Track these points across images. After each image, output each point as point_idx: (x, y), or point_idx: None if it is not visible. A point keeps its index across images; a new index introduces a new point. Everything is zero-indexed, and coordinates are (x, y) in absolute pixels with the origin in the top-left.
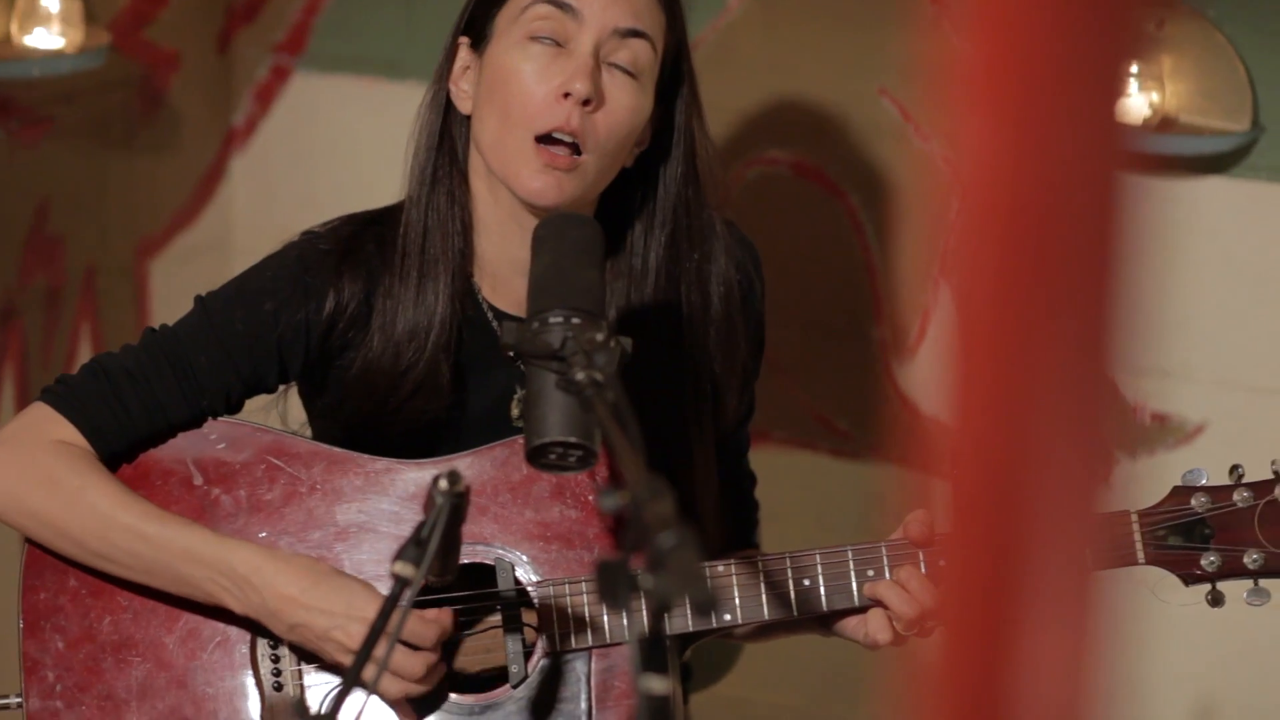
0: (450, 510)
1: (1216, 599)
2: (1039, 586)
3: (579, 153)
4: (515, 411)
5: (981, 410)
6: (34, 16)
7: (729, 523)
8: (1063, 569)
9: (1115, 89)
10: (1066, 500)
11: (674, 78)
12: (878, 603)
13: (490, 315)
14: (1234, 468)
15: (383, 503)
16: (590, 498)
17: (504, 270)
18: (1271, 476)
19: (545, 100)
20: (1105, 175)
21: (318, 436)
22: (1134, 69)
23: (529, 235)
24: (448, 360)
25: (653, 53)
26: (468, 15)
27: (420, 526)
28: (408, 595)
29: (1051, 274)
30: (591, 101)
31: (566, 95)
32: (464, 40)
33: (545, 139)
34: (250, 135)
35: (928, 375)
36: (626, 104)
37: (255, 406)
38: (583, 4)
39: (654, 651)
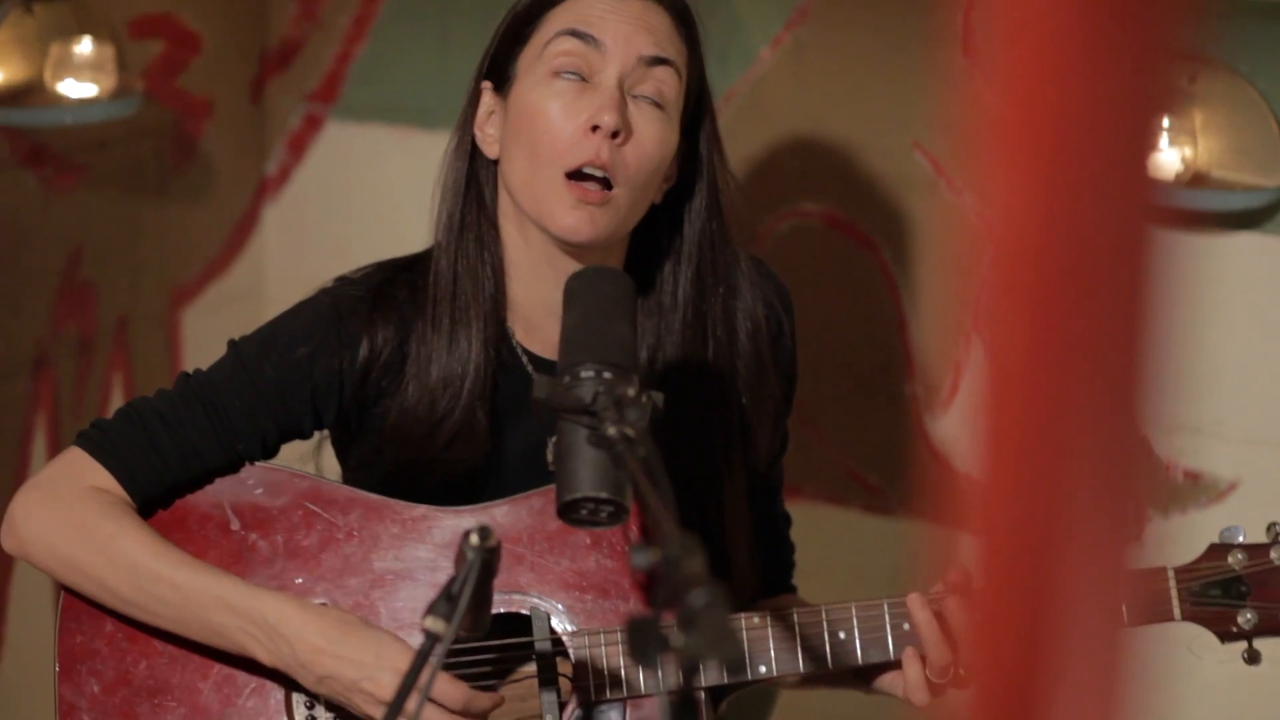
0: (481, 566)
1: (1253, 656)
2: (1071, 644)
3: (610, 186)
4: (550, 456)
5: (1014, 467)
6: (68, 64)
7: (764, 565)
8: (1095, 626)
9: (1147, 144)
10: (1099, 558)
11: (696, 112)
12: (913, 632)
13: (525, 360)
14: (1271, 525)
15: (420, 550)
16: (625, 548)
17: (537, 314)
18: None
19: (574, 136)
20: (1138, 231)
21: (352, 484)
22: (1166, 123)
23: (562, 277)
24: (484, 407)
25: (678, 81)
26: (489, 59)
27: (451, 581)
28: (438, 651)
29: (1084, 330)
30: (620, 134)
31: (595, 129)
32: (486, 85)
33: (576, 174)
34: (283, 184)
35: (960, 430)
36: (654, 135)
37: (292, 458)
38: (605, 34)
39: (687, 707)
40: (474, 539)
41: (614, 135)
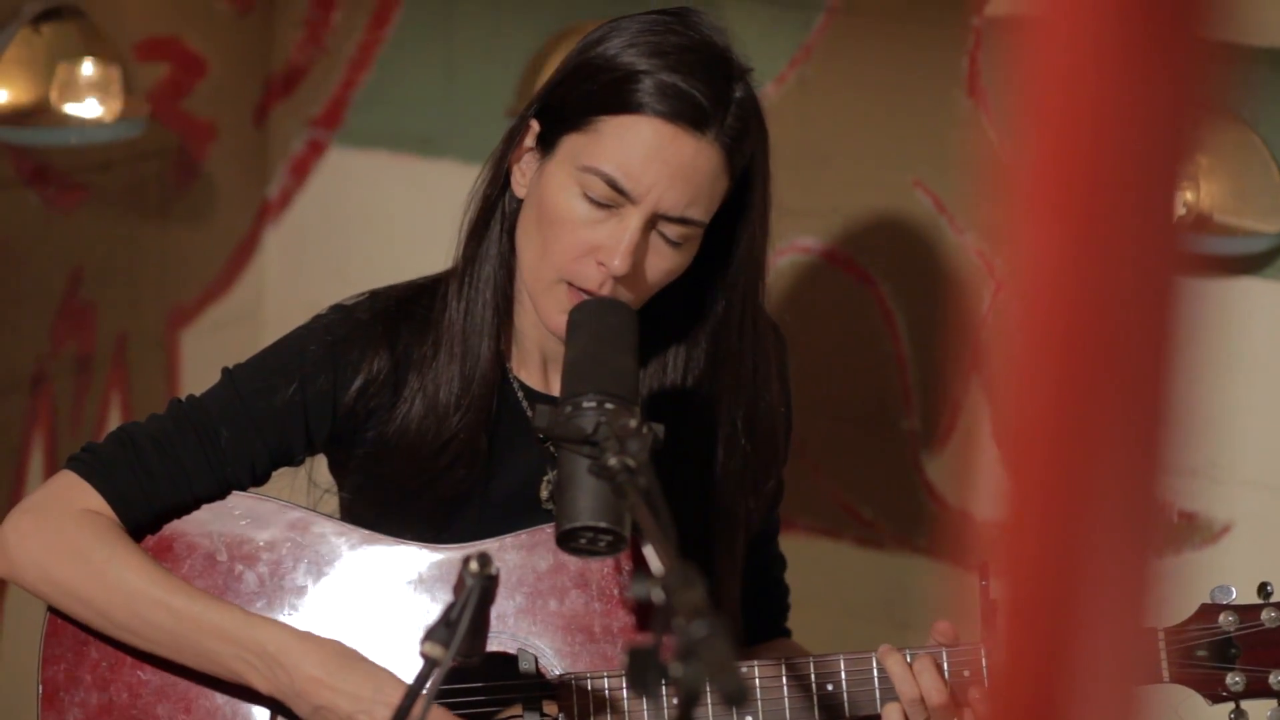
0: (480, 592)
1: (1240, 717)
2: (1089, 689)
3: None
4: (545, 494)
5: (1034, 513)
6: (74, 85)
7: (760, 608)
8: (1111, 673)
9: (1173, 190)
10: (1117, 602)
11: (740, 198)
12: (884, 673)
13: (519, 392)
14: (1263, 585)
15: (406, 588)
16: (615, 591)
17: (535, 349)
18: None
19: (584, 259)
20: (1162, 276)
21: (346, 504)
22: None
23: (557, 333)
24: (486, 431)
25: (701, 229)
26: (543, 102)
27: (450, 607)
28: (436, 676)
29: (1110, 376)
30: (627, 275)
31: (603, 263)
32: (534, 126)
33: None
34: (284, 208)
35: (957, 467)
36: (663, 269)
37: (282, 470)
38: (639, 189)
39: None
40: (474, 565)
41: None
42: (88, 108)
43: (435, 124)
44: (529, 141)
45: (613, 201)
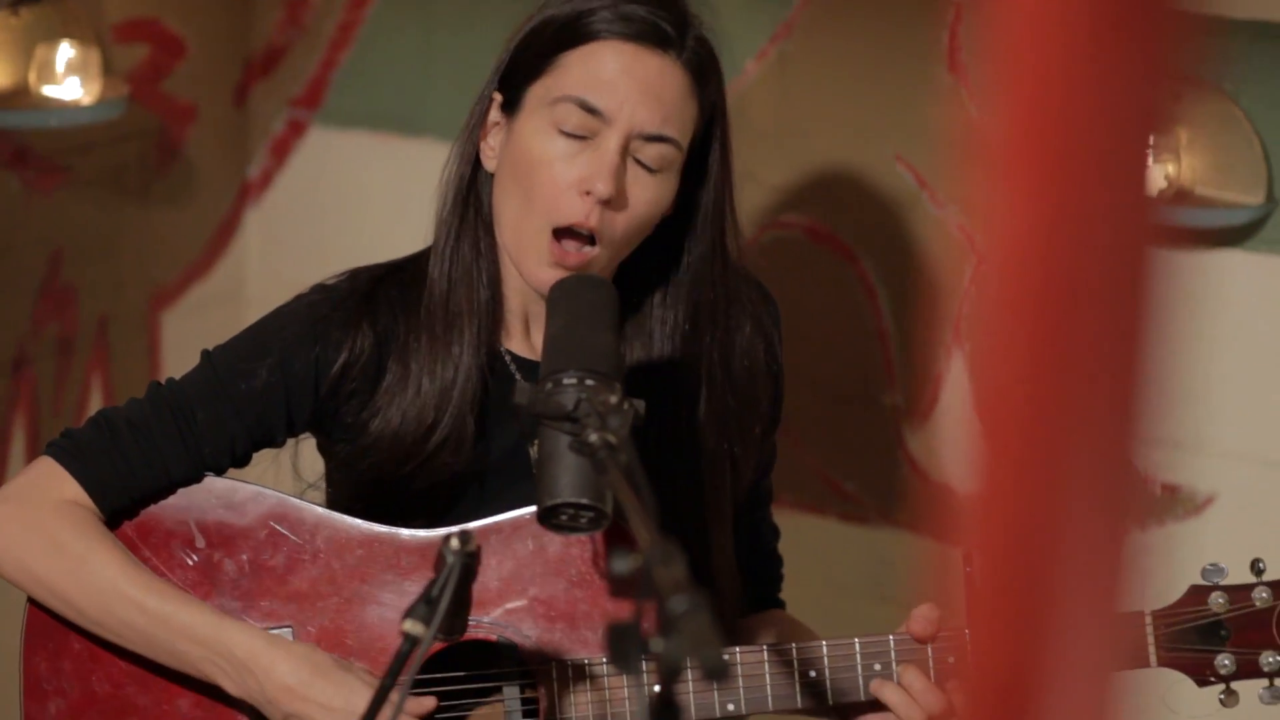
0: (461, 570)
1: (1229, 700)
2: (1063, 668)
3: (593, 243)
4: (534, 454)
5: (1008, 487)
6: (52, 67)
7: (753, 578)
8: (1086, 652)
9: (1145, 162)
10: (1092, 576)
11: (704, 148)
12: (882, 705)
13: (513, 365)
14: (1255, 561)
15: (387, 573)
16: (595, 577)
17: (517, 320)
18: None
19: (567, 194)
20: (1135, 248)
21: (335, 489)
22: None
23: (543, 289)
24: (473, 413)
25: (678, 152)
26: (503, 72)
27: (431, 584)
28: (418, 654)
29: (1083, 346)
30: (612, 200)
31: (588, 192)
32: (497, 97)
33: (562, 231)
34: (265, 188)
35: (939, 441)
36: (647, 199)
37: (266, 455)
38: (611, 107)
39: None
40: (454, 543)
41: (606, 200)
42: (67, 90)
43: (416, 103)
44: (494, 115)
45: (587, 131)
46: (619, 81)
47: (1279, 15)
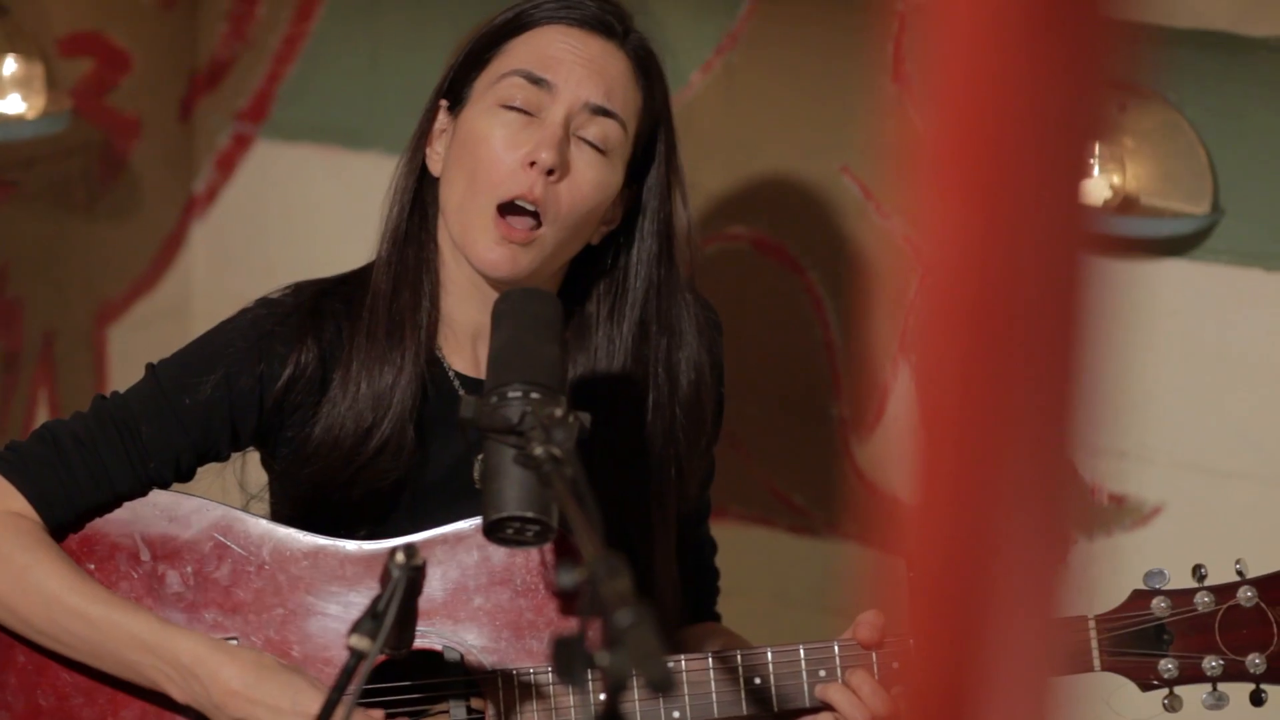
0: (407, 583)
1: (1173, 704)
2: (1001, 672)
3: (539, 223)
4: (477, 474)
5: (946, 490)
6: None
7: (689, 593)
8: (1024, 657)
9: (1080, 171)
10: (1031, 581)
11: (648, 157)
12: (828, 706)
13: (453, 377)
14: (1196, 567)
15: (331, 585)
16: (541, 586)
17: (466, 333)
18: (1235, 579)
19: (511, 167)
20: (1070, 256)
21: (277, 501)
22: (1096, 150)
23: (488, 302)
24: (413, 420)
25: (623, 133)
26: (449, 78)
27: (377, 599)
28: (363, 668)
29: (1016, 356)
30: (556, 172)
31: (532, 164)
32: (443, 103)
33: (507, 208)
34: (211, 202)
35: (886, 452)
36: (592, 178)
37: (211, 469)
38: (556, 78)
39: None
40: (399, 557)
41: (550, 173)
42: (11, 104)
43: (361, 116)
44: (440, 122)
45: (532, 107)
46: (564, 56)
47: (1223, 24)
